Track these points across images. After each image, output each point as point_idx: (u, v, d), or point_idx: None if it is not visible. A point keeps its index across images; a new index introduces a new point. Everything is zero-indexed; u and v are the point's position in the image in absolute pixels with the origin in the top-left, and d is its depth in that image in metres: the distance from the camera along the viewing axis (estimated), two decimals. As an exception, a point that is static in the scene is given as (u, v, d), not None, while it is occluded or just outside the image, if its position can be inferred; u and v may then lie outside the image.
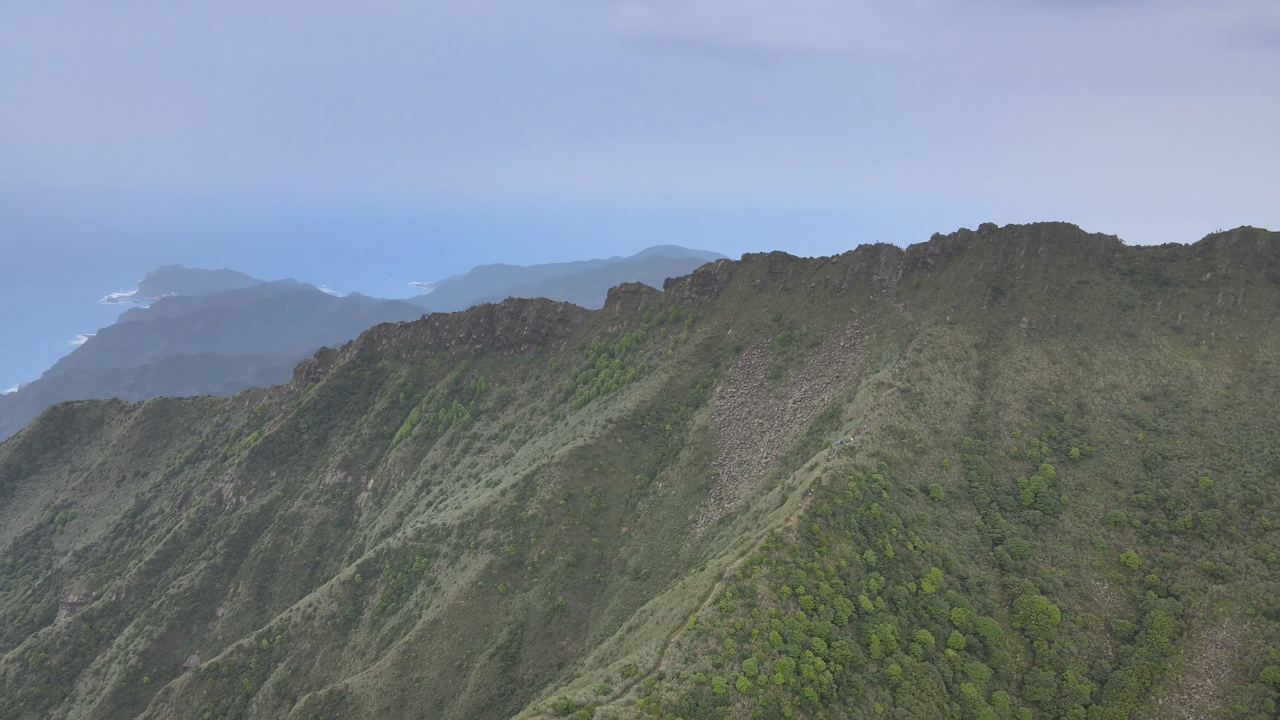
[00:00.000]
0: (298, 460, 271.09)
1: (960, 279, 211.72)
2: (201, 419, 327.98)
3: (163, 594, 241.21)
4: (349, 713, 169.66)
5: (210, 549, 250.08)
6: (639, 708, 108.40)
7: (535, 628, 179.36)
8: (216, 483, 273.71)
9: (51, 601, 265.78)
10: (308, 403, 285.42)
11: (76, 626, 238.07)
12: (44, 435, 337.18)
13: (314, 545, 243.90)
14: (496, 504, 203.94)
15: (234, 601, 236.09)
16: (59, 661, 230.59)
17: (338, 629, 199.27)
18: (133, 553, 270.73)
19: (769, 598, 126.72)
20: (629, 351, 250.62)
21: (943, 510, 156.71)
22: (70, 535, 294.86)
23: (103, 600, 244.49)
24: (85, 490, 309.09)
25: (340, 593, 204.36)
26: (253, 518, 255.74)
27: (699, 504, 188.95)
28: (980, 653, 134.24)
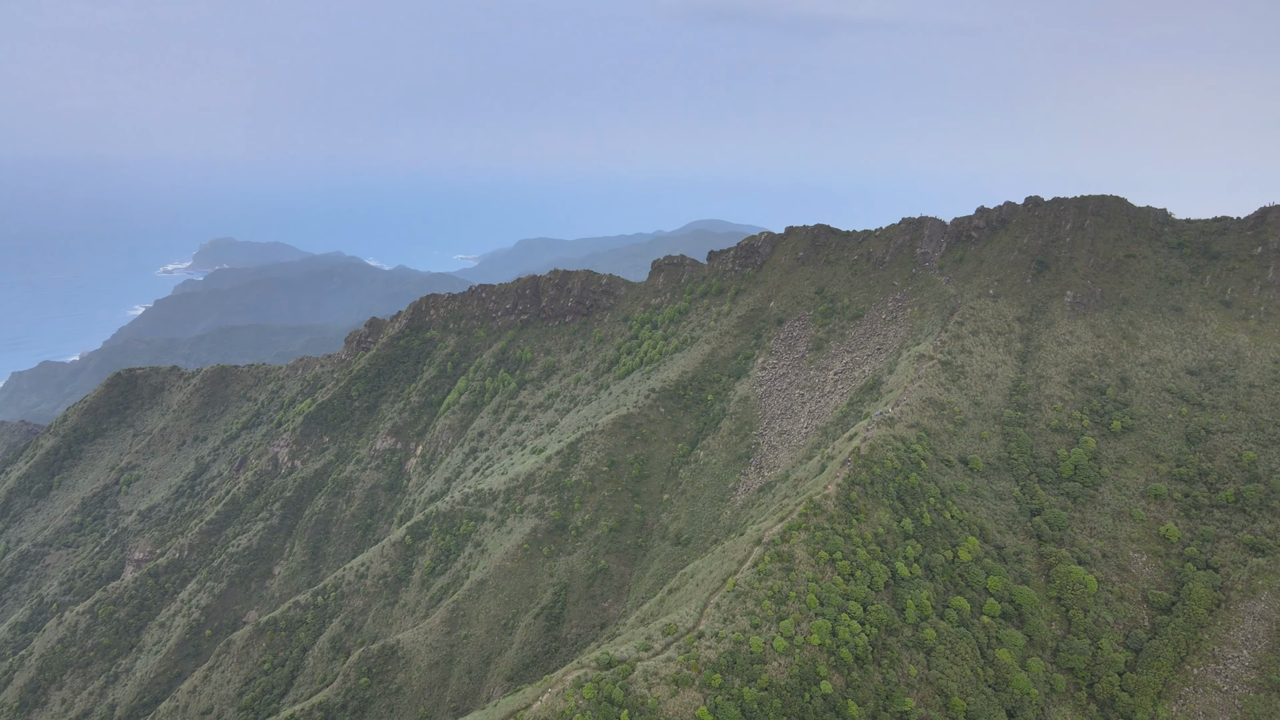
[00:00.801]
0: (349, 426, 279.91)
1: (1004, 252, 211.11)
2: (257, 386, 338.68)
3: (223, 552, 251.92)
4: (400, 666, 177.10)
5: (267, 510, 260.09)
6: (679, 664, 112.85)
7: (578, 589, 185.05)
8: (272, 447, 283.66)
9: (118, 558, 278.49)
10: (359, 371, 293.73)
11: (143, 581, 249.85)
12: (108, 400, 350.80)
13: (365, 508, 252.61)
14: (541, 470, 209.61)
15: (290, 560, 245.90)
16: (126, 614, 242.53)
17: (389, 587, 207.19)
18: (194, 513, 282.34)
19: (806, 562, 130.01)
20: (672, 323, 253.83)
21: (981, 481, 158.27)
22: (134, 496, 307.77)
23: (167, 557, 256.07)
24: (148, 453, 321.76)
25: (391, 553, 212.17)
26: (307, 481, 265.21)
27: (739, 472, 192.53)
28: (1015, 620, 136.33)
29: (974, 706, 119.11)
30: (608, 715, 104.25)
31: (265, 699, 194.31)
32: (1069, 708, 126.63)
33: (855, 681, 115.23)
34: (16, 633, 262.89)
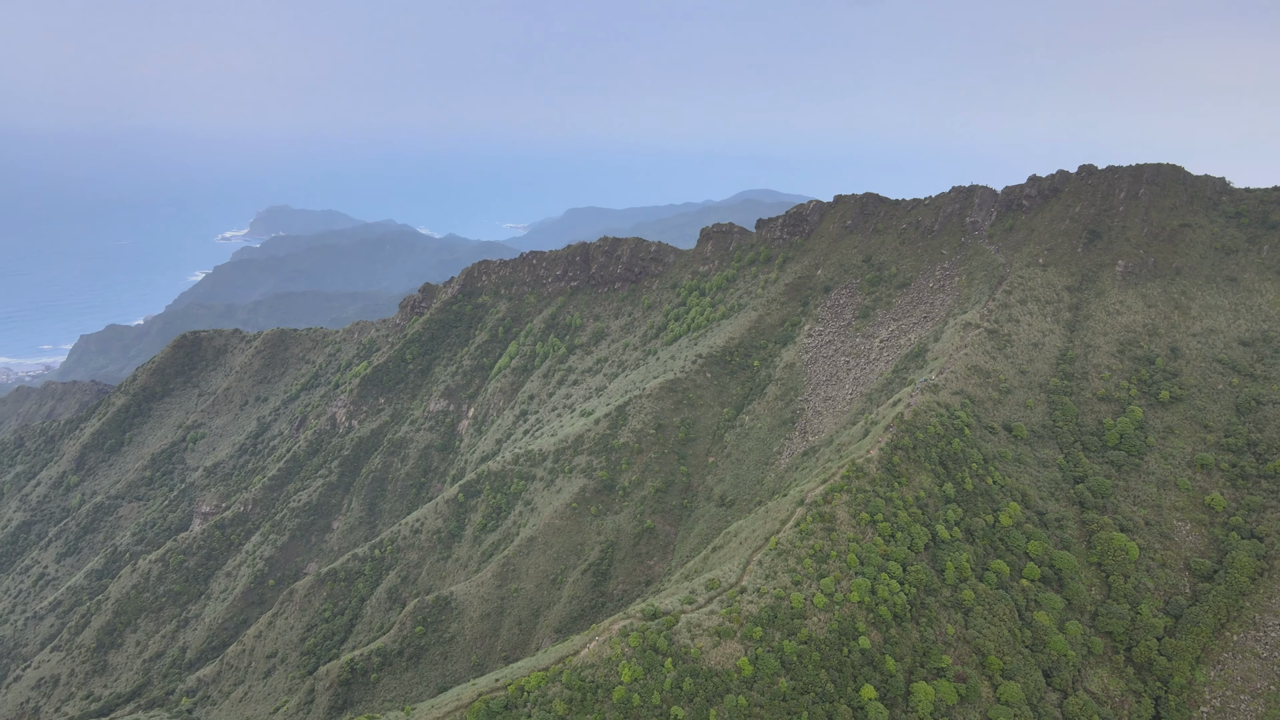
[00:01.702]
0: (404, 389, 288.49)
1: (1055, 221, 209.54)
2: (315, 349, 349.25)
3: (284, 507, 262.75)
4: (453, 616, 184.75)
5: (326, 468, 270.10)
6: (721, 616, 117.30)
7: (625, 547, 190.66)
8: (330, 408, 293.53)
9: (186, 511, 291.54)
10: (413, 335, 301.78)
11: (210, 533, 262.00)
12: (175, 361, 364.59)
13: (419, 467, 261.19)
14: (590, 432, 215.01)
15: (348, 516, 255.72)
16: (195, 563, 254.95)
17: (442, 543, 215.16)
18: (256, 469, 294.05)
19: (848, 523, 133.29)
20: (719, 290, 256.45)
21: (1024, 448, 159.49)
22: (200, 453, 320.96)
23: (232, 511, 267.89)
24: (212, 412, 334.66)
25: (445, 510, 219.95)
26: (363, 440, 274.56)
27: (784, 437, 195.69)
28: (1055, 584, 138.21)
29: (1010, 665, 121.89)
30: (652, 663, 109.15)
31: (326, 644, 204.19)
32: (1106, 670, 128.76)
33: (893, 638, 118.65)
34: (92, 579, 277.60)
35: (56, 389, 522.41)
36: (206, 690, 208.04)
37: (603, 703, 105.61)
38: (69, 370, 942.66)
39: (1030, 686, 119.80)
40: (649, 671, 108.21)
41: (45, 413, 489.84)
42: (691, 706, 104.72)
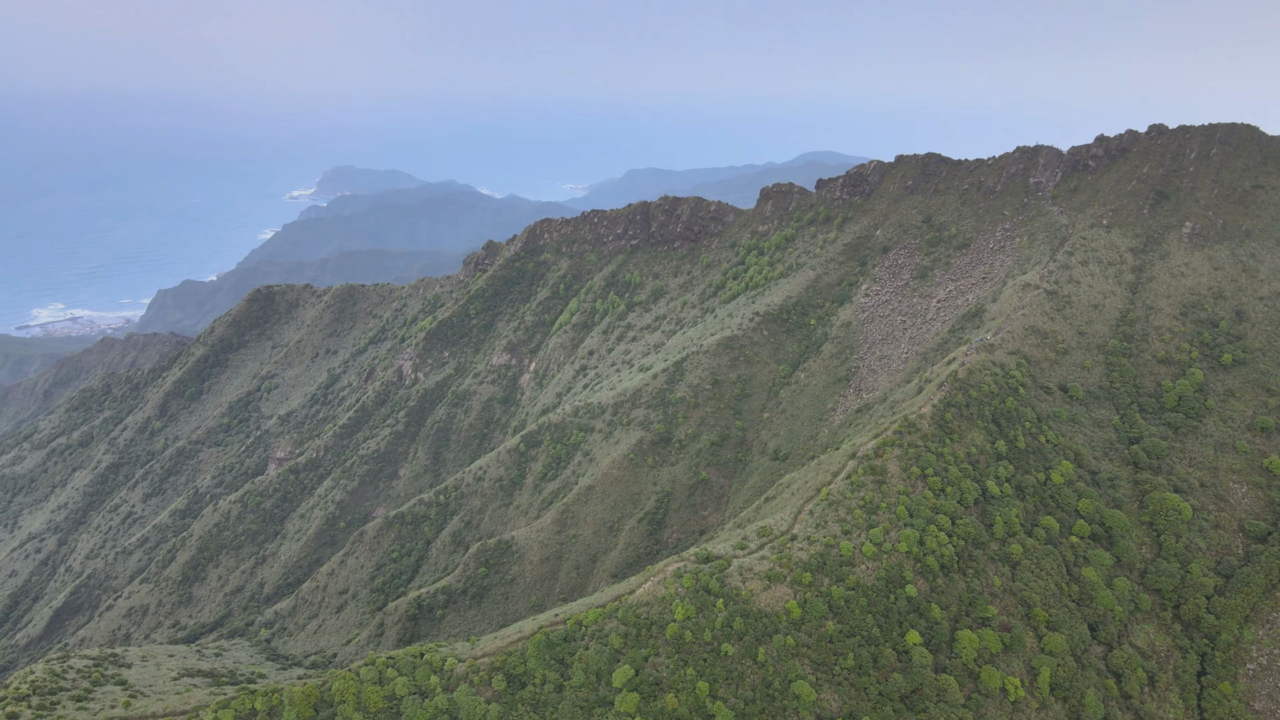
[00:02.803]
0: (468, 343, 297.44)
1: (1122, 182, 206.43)
2: (382, 304, 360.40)
3: (354, 454, 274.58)
4: (514, 559, 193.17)
5: (393, 418, 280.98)
6: (772, 562, 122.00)
7: (680, 498, 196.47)
8: (397, 361, 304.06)
9: (262, 456, 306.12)
10: (476, 291, 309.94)
11: (284, 477, 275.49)
12: (250, 314, 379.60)
13: (482, 419, 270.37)
14: (648, 386, 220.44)
15: (414, 464, 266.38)
16: (271, 505, 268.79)
17: (504, 490, 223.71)
18: (327, 418, 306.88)
19: (898, 476, 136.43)
20: (778, 249, 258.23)
21: (1080, 409, 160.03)
22: (274, 402, 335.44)
23: (305, 457, 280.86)
24: (285, 364, 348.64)
25: (507, 459, 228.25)
26: (429, 392, 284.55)
27: (838, 394, 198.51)
28: (1104, 542, 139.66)
29: (1055, 618, 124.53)
30: (704, 603, 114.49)
31: (394, 583, 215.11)
32: (1152, 626, 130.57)
33: (940, 588, 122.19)
34: (176, 518, 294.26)
35: (138, 340, 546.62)
36: (283, 623, 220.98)
37: (656, 638, 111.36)
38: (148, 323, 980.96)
39: (1075, 639, 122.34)
40: (701, 611, 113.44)
41: (129, 362, 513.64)
42: (741, 644, 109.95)
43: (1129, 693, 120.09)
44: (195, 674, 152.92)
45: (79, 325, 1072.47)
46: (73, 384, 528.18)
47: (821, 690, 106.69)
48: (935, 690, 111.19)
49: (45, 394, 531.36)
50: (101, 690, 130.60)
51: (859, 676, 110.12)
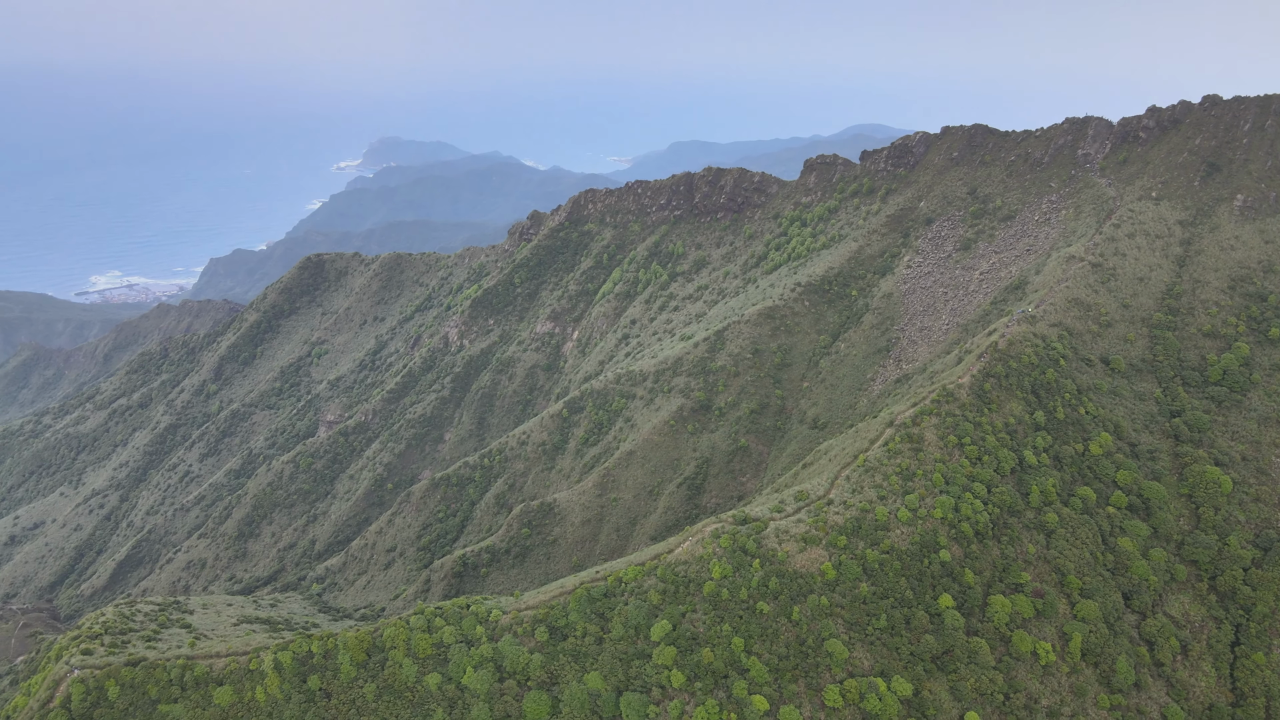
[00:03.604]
0: (512, 311, 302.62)
1: (1173, 154, 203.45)
2: (428, 273, 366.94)
3: (401, 418, 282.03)
4: (556, 521, 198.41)
5: (439, 384, 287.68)
6: (808, 525, 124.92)
7: (719, 464, 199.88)
8: (443, 328, 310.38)
9: (312, 420, 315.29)
10: (521, 260, 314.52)
11: (334, 439, 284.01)
12: (300, 282, 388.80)
13: (526, 385, 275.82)
14: (689, 355, 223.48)
15: (459, 428, 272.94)
16: (322, 465, 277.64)
17: (547, 454, 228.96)
18: (375, 383, 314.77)
19: (935, 444, 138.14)
20: (821, 221, 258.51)
21: (1121, 381, 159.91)
22: (324, 367, 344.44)
23: (354, 420, 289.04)
24: (334, 330, 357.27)
25: (550, 424, 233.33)
26: (474, 359, 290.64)
27: (878, 364, 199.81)
28: (1142, 513, 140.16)
29: (1089, 585, 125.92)
30: (741, 562, 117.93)
31: (440, 542, 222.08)
32: (1188, 596, 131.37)
33: (974, 553, 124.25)
34: (231, 478, 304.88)
35: (193, 306, 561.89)
36: (333, 578, 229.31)
37: (694, 595, 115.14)
38: (200, 290, 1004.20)
39: (1108, 606, 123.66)
40: (738, 570, 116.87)
41: (184, 328, 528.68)
42: (776, 603, 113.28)
43: (1161, 660, 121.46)
44: (253, 621, 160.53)
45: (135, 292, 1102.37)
46: (131, 348, 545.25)
47: (854, 649, 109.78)
48: (966, 652, 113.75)
49: (105, 358, 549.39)
50: (168, 632, 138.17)
51: (891, 637, 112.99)
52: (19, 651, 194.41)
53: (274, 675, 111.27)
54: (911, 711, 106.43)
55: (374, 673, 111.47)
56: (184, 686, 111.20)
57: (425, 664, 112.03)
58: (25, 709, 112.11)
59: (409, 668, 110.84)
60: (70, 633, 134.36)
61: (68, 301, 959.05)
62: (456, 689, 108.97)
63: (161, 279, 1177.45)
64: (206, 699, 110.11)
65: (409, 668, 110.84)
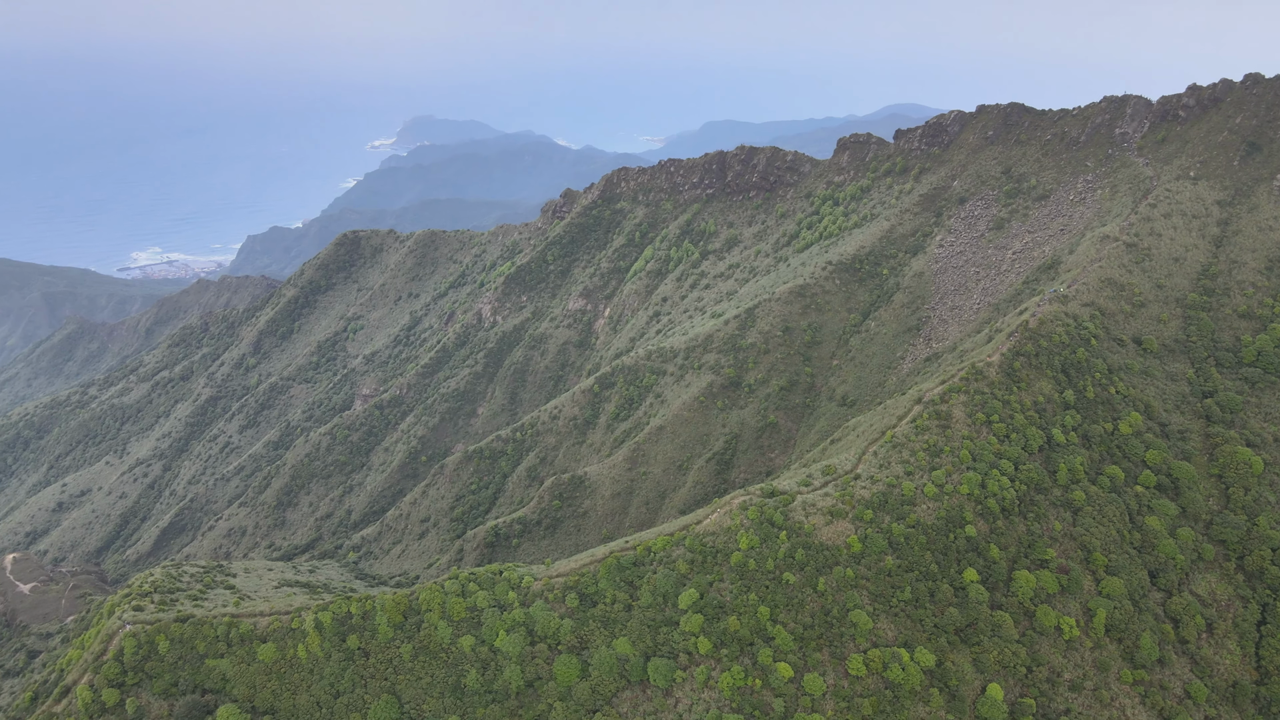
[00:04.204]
0: (545, 288, 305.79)
1: (1212, 133, 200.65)
2: (462, 250, 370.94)
3: (435, 392, 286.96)
4: (587, 494, 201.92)
5: (472, 359, 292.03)
6: (835, 498, 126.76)
7: (748, 440, 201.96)
8: (476, 304, 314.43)
9: (348, 393, 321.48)
10: (554, 237, 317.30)
11: (370, 413, 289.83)
12: (337, 258, 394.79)
13: (557, 361, 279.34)
14: (719, 332, 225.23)
15: (491, 403, 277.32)
16: (358, 438, 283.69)
17: (578, 429, 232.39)
18: (409, 358, 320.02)
19: (963, 421, 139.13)
20: (853, 200, 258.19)
21: (1153, 361, 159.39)
22: (360, 342, 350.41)
23: (389, 394, 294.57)
24: (370, 306, 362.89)
25: (581, 399, 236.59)
26: (507, 335, 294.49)
27: (908, 343, 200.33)
28: (1170, 493, 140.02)
29: (1115, 563, 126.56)
30: (768, 534, 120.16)
31: (472, 513, 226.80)
32: (1214, 575, 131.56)
33: (999, 529, 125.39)
34: (269, 449, 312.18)
35: (232, 282, 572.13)
36: (369, 547, 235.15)
37: (721, 565, 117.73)
38: (238, 266, 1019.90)
39: (1134, 584, 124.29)
40: (764, 541, 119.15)
41: (223, 303, 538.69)
42: (802, 575, 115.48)
43: (1186, 638, 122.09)
44: (293, 585, 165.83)
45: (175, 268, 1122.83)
46: (172, 322, 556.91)
47: (878, 620, 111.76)
48: (990, 625, 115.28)
49: (147, 331, 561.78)
50: (213, 592, 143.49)
51: (915, 609, 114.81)
52: (69, 611, 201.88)
53: (315, 634, 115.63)
54: (934, 682, 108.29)
55: (410, 634, 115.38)
56: (230, 643, 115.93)
57: (459, 626, 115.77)
58: (80, 661, 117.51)
59: (444, 630, 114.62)
60: (121, 591, 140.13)
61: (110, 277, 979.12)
62: (489, 651, 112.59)
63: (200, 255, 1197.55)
64: (251, 655, 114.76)
65: (444, 630, 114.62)
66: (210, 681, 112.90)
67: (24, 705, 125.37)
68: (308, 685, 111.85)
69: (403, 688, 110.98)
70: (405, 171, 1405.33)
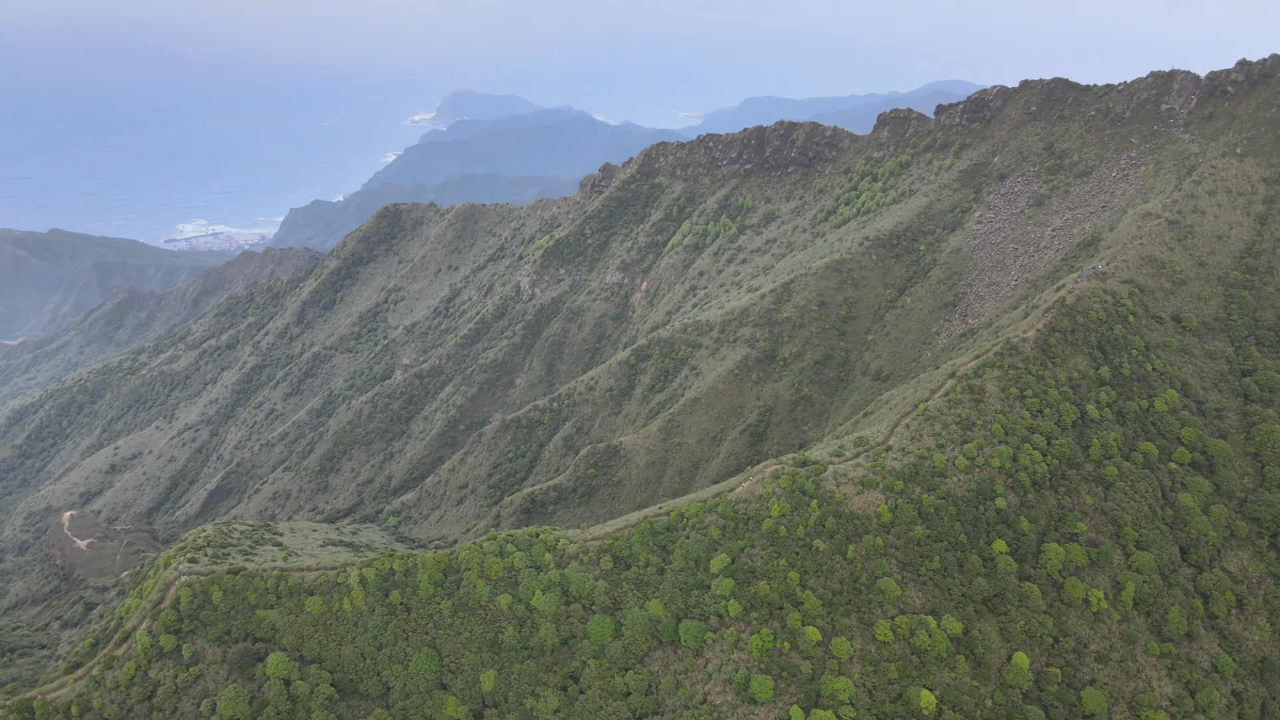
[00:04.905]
0: (583, 261, 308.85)
1: (1261, 109, 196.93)
2: (501, 223, 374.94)
3: (473, 363, 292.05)
4: (621, 463, 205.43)
5: (510, 330, 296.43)
6: (866, 469, 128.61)
7: (782, 412, 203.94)
8: (515, 277, 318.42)
9: (389, 363, 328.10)
10: (592, 211, 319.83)
11: (410, 382, 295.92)
12: (378, 230, 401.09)
13: (594, 334, 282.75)
14: (755, 306, 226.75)
15: (529, 373, 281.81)
16: (398, 406, 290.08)
17: (614, 400, 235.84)
18: (449, 329, 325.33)
19: (996, 396, 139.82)
20: (892, 175, 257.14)
21: (1192, 339, 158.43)
22: (400, 313, 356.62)
23: (428, 364, 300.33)
24: (410, 278, 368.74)
25: (617, 371, 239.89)
26: (544, 307, 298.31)
27: (944, 318, 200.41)
28: (1205, 470, 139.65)
29: (1145, 538, 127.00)
30: (799, 502, 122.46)
31: (509, 480, 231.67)
32: (1247, 552, 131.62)
33: (1030, 502, 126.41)
34: (312, 416, 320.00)
35: (275, 254, 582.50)
36: (409, 511, 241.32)
37: (752, 531, 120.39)
38: (281, 239, 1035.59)
39: (1164, 559, 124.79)
40: (796, 509, 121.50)
41: (267, 274, 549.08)
42: (832, 542, 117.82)
43: (1215, 613, 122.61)
44: (337, 544, 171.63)
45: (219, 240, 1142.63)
46: (217, 293, 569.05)
47: (906, 588, 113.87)
48: (1018, 595, 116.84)
49: (194, 301, 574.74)
50: (262, 549, 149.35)
51: (943, 578, 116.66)
52: (123, 567, 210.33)
53: (359, 589, 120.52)
54: (960, 649, 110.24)
55: (450, 591, 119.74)
56: (279, 595, 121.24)
57: (497, 585, 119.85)
58: (139, 609, 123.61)
59: (482, 588, 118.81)
60: (176, 545, 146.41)
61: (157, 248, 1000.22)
62: (526, 609, 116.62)
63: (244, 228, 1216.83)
64: (299, 607, 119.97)
65: (482, 588, 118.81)
66: (260, 631, 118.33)
67: (85, 650, 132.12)
68: (352, 637, 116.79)
69: (442, 642, 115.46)
70: (444, 146, 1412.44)
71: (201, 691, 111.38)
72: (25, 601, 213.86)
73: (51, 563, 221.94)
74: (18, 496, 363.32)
